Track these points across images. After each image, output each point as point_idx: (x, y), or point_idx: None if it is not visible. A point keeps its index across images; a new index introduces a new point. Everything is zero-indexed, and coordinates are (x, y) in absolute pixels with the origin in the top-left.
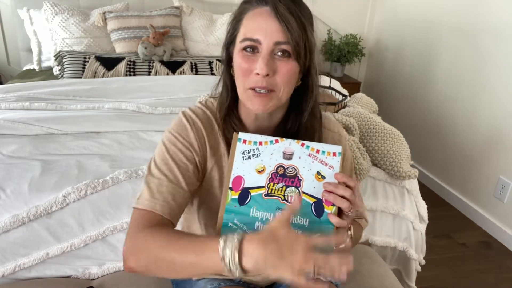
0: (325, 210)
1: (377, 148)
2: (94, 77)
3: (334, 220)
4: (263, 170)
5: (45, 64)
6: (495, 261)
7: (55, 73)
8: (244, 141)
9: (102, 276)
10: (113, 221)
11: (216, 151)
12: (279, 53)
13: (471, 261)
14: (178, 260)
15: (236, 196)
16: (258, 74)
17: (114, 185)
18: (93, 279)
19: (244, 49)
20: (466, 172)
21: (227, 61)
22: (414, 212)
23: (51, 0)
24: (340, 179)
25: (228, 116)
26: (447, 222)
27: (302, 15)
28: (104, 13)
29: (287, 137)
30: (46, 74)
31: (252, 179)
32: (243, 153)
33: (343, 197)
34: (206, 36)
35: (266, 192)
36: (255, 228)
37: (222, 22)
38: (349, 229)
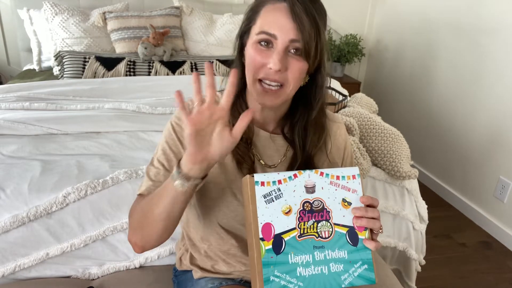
0: (359, 236)
1: (377, 148)
2: (94, 77)
3: (371, 245)
4: (290, 211)
5: (45, 64)
6: (495, 261)
7: (55, 73)
8: (262, 183)
9: (102, 276)
10: (113, 221)
11: None
12: (293, 51)
13: (471, 261)
14: (153, 203)
15: (270, 246)
16: (270, 68)
17: (114, 185)
18: (93, 279)
19: (259, 42)
20: (466, 172)
21: (240, 50)
22: (414, 212)
23: (51, 0)
24: (366, 202)
25: (235, 103)
26: (447, 222)
27: (317, 14)
28: (104, 13)
29: (293, 132)
30: (46, 74)
31: (281, 223)
32: (264, 196)
33: (372, 218)
34: (206, 36)
35: (299, 234)
36: (298, 274)
37: (222, 22)
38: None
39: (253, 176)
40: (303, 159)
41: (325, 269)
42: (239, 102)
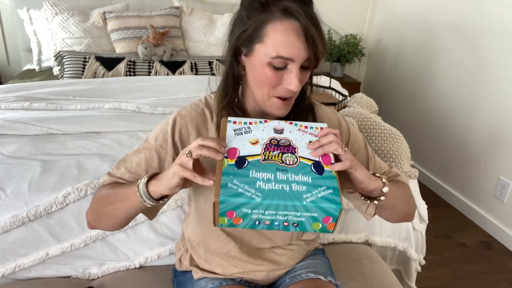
0: (325, 168)
1: (377, 148)
2: (94, 77)
3: (337, 167)
4: (256, 142)
5: (45, 64)
6: (495, 261)
7: (55, 73)
8: (235, 122)
9: (102, 276)
10: None
11: None
12: (302, 66)
13: (471, 261)
14: (111, 197)
15: (233, 162)
16: (290, 89)
17: None
18: (93, 279)
19: (273, 64)
20: (466, 172)
21: (234, 56)
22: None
23: (51, 0)
24: (322, 134)
25: (231, 107)
26: (447, 222)
27: (320, 23)
28: (104, 13)
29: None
30: (46, 74)
31: (247, 149)
32: (234, 130)
33: (328, 143)
34: (206, 36)
35: (263, 158)
36: (257, 186)
37: (222, 22)
38: (383, 185)
39: (226, 118)
40: None
41: (286, 187)
42: (231, 106)
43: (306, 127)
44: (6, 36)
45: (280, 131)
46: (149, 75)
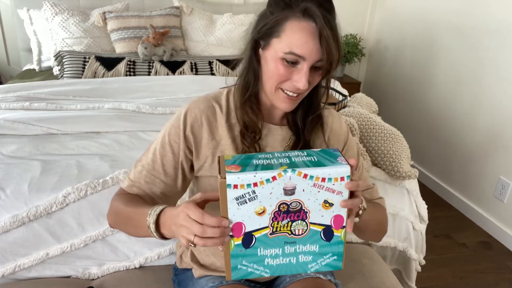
0: (334, 233)
1: (377, 148)
2: (94, 77)
3: (350, 227)
4: (263, 212)
5: (45, 64)
6: (495, 261)
7: (55, 73)
8: (235, 186)
9: (102, 276)
10: None
11: (214, 137)
12: (314, 67)
13: (471, 261)
14: (127, 220)
15: (240, 242)
16: (298, 87)
17: (114, 185)
18: (93, 279)
19: (284, 58)
20: (466, 172)
21: (254, 51)
22: (414, 212)
23: (51, 0)
24: (351, 188)
25: (248, 101)
26: (447, 222)
27: (338, 30)
28: (104, 13)
29: (295, 127)
30: (46, 74)
31: (253, 222)
32: (236, 199)
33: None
34: (206, 36)
35: (271, 232)
36: (265, 263)
37: (222, 22)
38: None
39: (225, 178)
40: (303, 143)
41: (293, 260)
42: (251, 101)
43: (323, 179)
44: (6, 36)
45: (291, 191)
46: (149, 75)
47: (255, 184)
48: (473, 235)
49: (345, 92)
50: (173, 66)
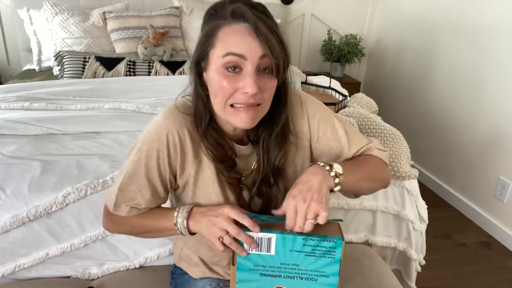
0: None
1: None
2: (94, 77)
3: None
4: None
5: (45, 64)
6: (495, 261)
7: (55, 73)
8: None
9: (102, 276)
10: None
11: (198, 154)
12: (261, 70)
13: (471, 261)
14: (147, 225)
15: None
16: (245, 92)
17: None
18: (93, 279)
19: (226, 68)
20: (466, 172)
21: (199, 76)
22: (414, 212)
23: (51, 0)
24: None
25: (208, 131)
26: (447, 222)
27: (278, 29)
28: (104, 13)
29: (258, 143)
30: (46, 74)
31: None
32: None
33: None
34: None
35: None
36: None
37: None
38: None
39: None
40: (270, 167)
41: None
42: (210, 129)
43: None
44: (6, 36)
45: None
46: (149, 75)
47: None
48: (473, 235)
49: (345, 92)
50: (173, 66)
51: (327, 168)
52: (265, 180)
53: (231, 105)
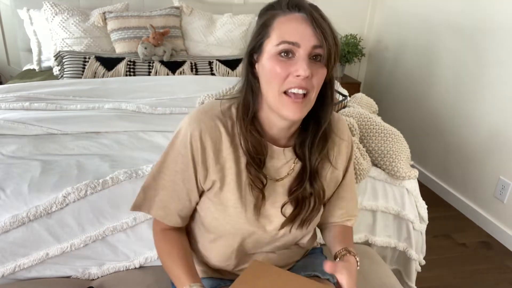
0: None
1: (377, 148)
2: (94, 77)
3: None
4: None
5: (45, 64)
6: (495, 261)
7: (55, 73)
8: None
9: (102, 276)
10: (113, 221)
11: (219, 159)
12: (314, 57)
13: (471, 261)
14: (166, 266)
15: None
16: (298, 76)
17: (114, 185)
18: (93, 279)
19: (280, 53)
20: (466, 172)
21: (249, 70)
22: (414, 212)
23: (51, 0)
24: None
25: (252, 124)
26: (447, 222)
27: (328, 20)
28: (104, 13)
29: (303, 146)
30: (46, 74)
31: None
32: None
33: None
34: (206, 36)
35: None
36: None
37: (222, 22)
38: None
39: None
40: (310, 170)
41: None
42: (254, 122)
43: None
44: (6, 36)
45: None
46: (149, 75)
47: None
48: (473, 235)
49: (345, 92)
50: (173, 66)
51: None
52: (302, 184)
53: (285, 93)
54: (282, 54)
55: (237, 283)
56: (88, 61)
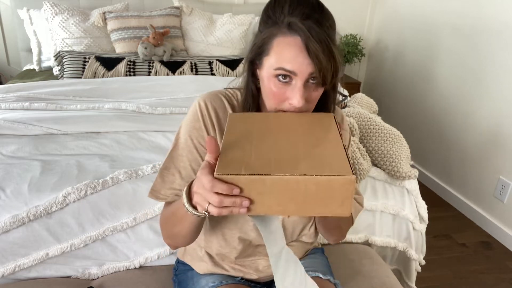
0: None
1: (377, 148)
2: (94, 77)
3: None
4: None
5: (45, 64)
6: (495, 261)
7: (55, 73)
8: None
9: (102, 276)
10: (113, 221)
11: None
12: (310, 81)
13: (471, 261)
14: (173, 223)
15: None
16: (292, 104)
17: (114, 185)
18: (93, 279)
19: (277, 76)
20: (466, 172)
21: (251, 72)
22: (414, 212)
23: (51, 0)
24: None
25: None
26: (447, 222)
27: (330, 37)
28: (104, 13)
29: None
30: (46, 74)
31: None
32: None
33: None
34: (206, 36)
35: None
36: None
37: (222, 22)
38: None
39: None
40: None
41: None
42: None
43: None
44: (6, 36)
45: None
46: (149, 75)
47: None
48: (473, 235)
49: (345, 92)
50: (173, 66)
51: None
52: None
53: (281, 110)
54: (280, 77)
55: (227, 135)
56: (88, 61)
